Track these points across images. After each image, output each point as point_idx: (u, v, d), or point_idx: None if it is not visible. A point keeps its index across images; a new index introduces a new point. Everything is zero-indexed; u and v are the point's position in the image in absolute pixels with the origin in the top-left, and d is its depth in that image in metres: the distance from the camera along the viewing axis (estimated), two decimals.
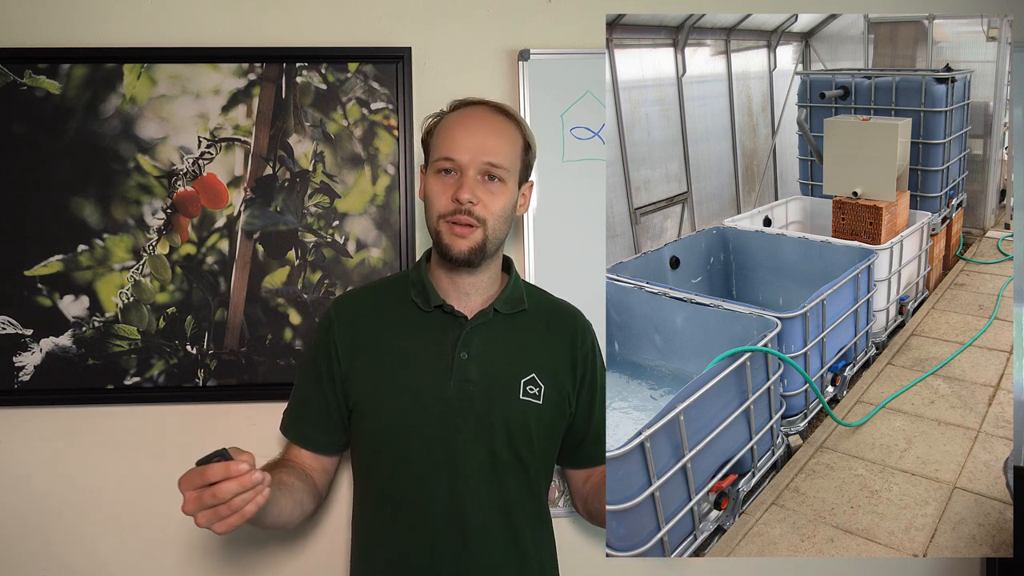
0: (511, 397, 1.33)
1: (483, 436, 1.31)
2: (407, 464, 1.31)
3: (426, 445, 1.31)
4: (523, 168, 1.36)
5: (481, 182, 1.29)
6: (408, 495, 1.31)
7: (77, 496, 1.70)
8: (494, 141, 1.30)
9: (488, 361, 1.33)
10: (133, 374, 1.68)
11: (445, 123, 1.34)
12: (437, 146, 1.32)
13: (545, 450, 1.39)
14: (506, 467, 1.32)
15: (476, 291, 1.37)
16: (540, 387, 1.35)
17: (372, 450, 1.36)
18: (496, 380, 1.33)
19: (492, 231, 1.30)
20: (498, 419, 1.32)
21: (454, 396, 1.31)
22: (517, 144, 1.34)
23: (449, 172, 1.30)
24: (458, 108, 1.36)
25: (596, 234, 1.77)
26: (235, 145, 1.70)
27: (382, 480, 1.34)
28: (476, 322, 1.34)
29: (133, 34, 1.70)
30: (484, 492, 1.31)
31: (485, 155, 1.28)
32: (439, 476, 1.30)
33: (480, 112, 1.34)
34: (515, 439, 1.33)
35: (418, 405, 1.31)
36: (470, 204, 1.27)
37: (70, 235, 1.67)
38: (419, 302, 1.36)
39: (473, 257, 1.30)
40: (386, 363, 1.34)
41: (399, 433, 1.32)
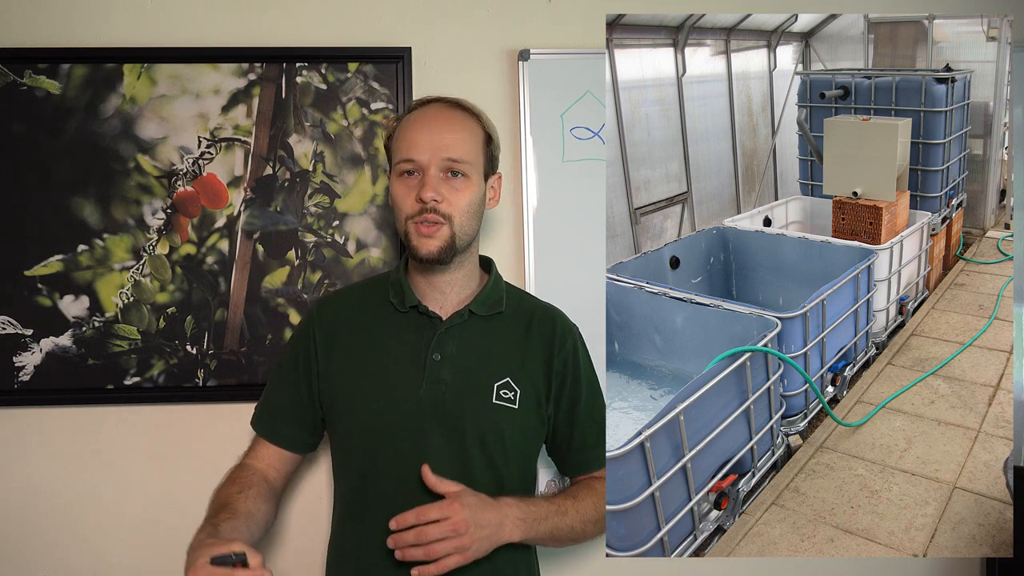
0: (483, 401, 1.31)
1: (454, 439, 1.30)
2: (378, 465, 1.31)
3: (397, 447, 1.30)
4: (487, 160, 1.34)
5: (444, 179, 1.28)
6: (379, 497, 1.30)
7: (77, 496, 1.70)
8: (452, 136, 1.29)
9: (461, 363, 1.32)
10: (133, 374, 1.68)
11: (403, 125, 1.32)
12: (397, 149, 1.31)
13: (522, 455, 1.37)
14: (478, 471, 1.30)
15: (452, 289, 1.35)
16: (516, 391, 1.33)
17: (346, 450, 1.35)
18: (468, 383, 1.31)
19: (459, 227, 1.29)
20: (470, 423, 1.30)
21: (426, 398, 1.30)
22: (477, 137, 1.32)
23: (412, 174, 1.29)
24: (414, 109, 1.34)
25: (596, 234, 1.77)
26: (235, 145, 1.70)
27: (355, 480, 1.34)
28: (450, 323, 1.33)
29: (133, 34, 1.69)
30: None
31: (444, 151, 1.27)
32: (409, 478, 1.28)
33: (436, 109, 1.32)
34: (487, 444, 1.31)
35: (391, 406, 1.30)
36: (434, 202, 1.26)
37: (70, 235, 1.67)
38: (395, 303, 1.35)
39: (443, 256, 1.28)
40: (362, 363, 1.33)
41: (372, 434, 1.31)
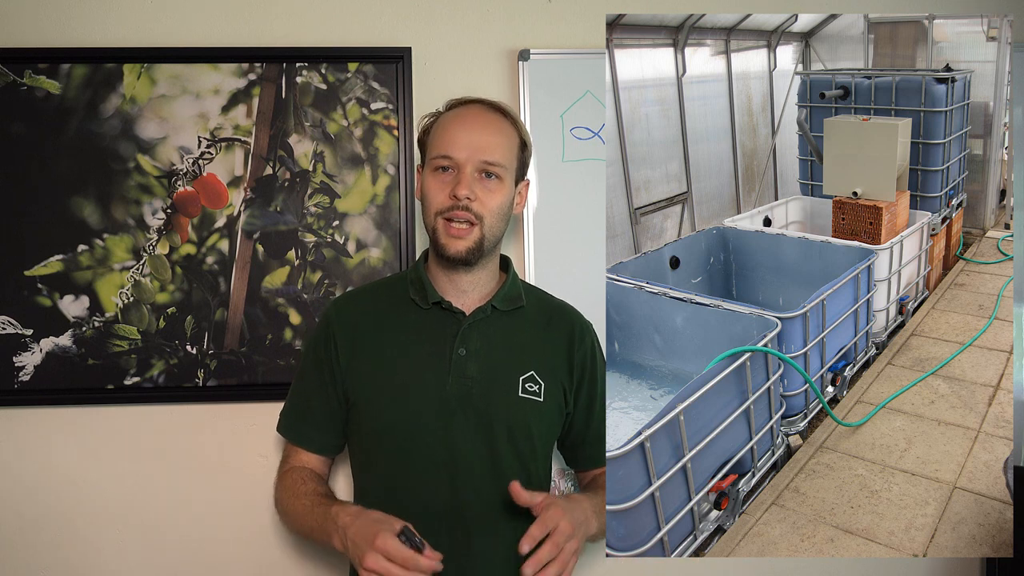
0: (510, 394, 1.33)
1: (482, 433, 1.31)
2: (407, 462, 1.32)
3: (426, 443, 1.31)
4: (520, 166, 1.36)
5: (478, 179, 1.30)
6: (409, 493, 1.31)
7: (77, 496, 1.70)
8: (491, 139, 1.30)
9: (486, 357, 1.33)
10: (133, 374, 1.68)
11: (442, 122, 1.34)
12: (434, 144, 1.33)
13: (547, 447, 1.40)
14: (507, 464, 1.32)
15: (474, 288, 1.37)
16: (540, 384, 1.35)
17: (371, 447, 1.36)
18: (495, 377, 1.33)
19: (489, 229, 1.30)
20: (497, 416, 1.32)
21: (452, 393, 1.31)
22: (514, 142, 1.34)
23: (446, 170, 1.30)
24: (455, 107, 1.36)
25: (596, 234, 1.77)
26: (235, 145, 1.70)
27: (382, 478, 1.34)
28: (474, 318, 1.34)
29: (133, 34, 1.70)
30: (485, 490, 1.31)
31: (482, 153, 1.29)
32: (439, 474, 1.30)
33: (477, 110, 1.34)
34: (515, 436, 1.33)
35: (417, 403, 1.31)
36: (467, 200, 1.27)
37: (70, 235, 1.67)
38: (417, 299, 1.36)
39: (470, 256, 1.30)
40: (385, 361, 1.34)
41: (399, 431, 1.32)
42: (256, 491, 1.70)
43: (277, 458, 1.70)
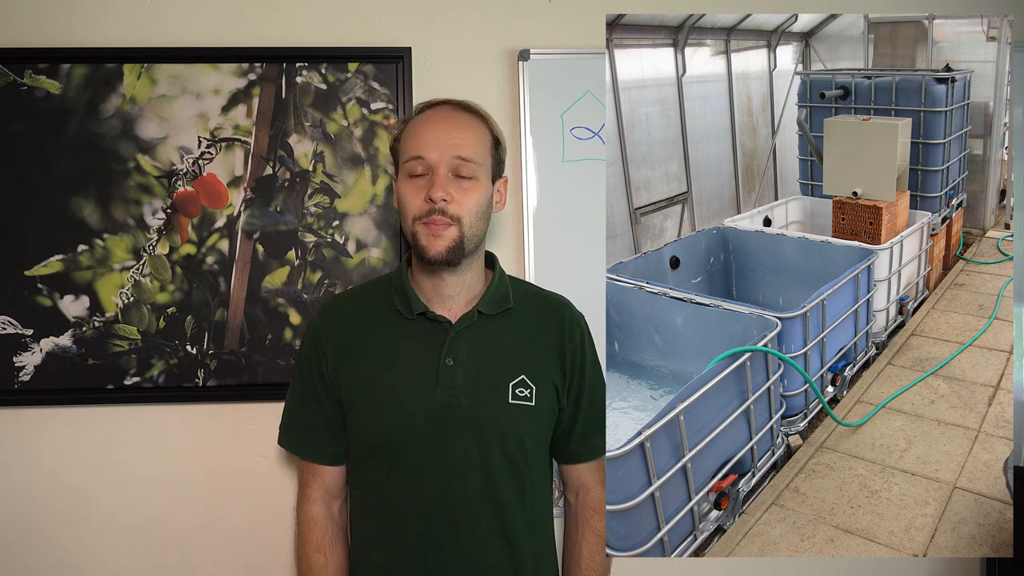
0: (500, 401, 1.31)
1: (473, 442, 1.30)
2: (398, 473, 1.31)
3: (417, 454, 1.30)
4: (495, 163, 1.34)
5: (453, 180, 1.28)
6: (401, 501, 1.31)
7: (77, 496, 1.70)
8: (462, 135, 1.29)
9: (474, 366, 1.32)
10: (133, 374, 1.68)
11: (411, 126, 1.33)
12: (406, 148, 1.31)
13: (540, 449, 1.38)
14: (499, 472, 1.31)
15: (460, 292, 1.35)
16: (531, 388, 1.33)
17: (362, 457, 1.35)
18: (483, 385, 1.31)
19: (468, 228, 1.29)
20: (488, 424, 1.30)
21: (441, 404, 1.30)
22: (486, 139, 1.33)
23: (421, 175, 1.29)
24: (423, 111, 1.35)
25: (596, 234, 1.77)
26: (235, 145, 1.70)
27: (374, 487, 1.34)
28: (460, 327, 1.33)
29: (133, 34, 1.69)
30: (478, 499, 1.30)
31: (454, 149, 1.27)
32: (430, 484, 1.29)
33: (446, 110, 1.33)
34: (507, 444, 1.31)
35: (406, 414, 1.30)
36: (444, 202, 1.26)
37: (70, 235, 1.67)
38: (402, 310, 1.34)
39: (452, 257, 1.28)
40: (373, 371, 1.33)
41: (389, 443, 1.31)
42: (256, 491, 1.70)
43: (277, 458, 1.71)
